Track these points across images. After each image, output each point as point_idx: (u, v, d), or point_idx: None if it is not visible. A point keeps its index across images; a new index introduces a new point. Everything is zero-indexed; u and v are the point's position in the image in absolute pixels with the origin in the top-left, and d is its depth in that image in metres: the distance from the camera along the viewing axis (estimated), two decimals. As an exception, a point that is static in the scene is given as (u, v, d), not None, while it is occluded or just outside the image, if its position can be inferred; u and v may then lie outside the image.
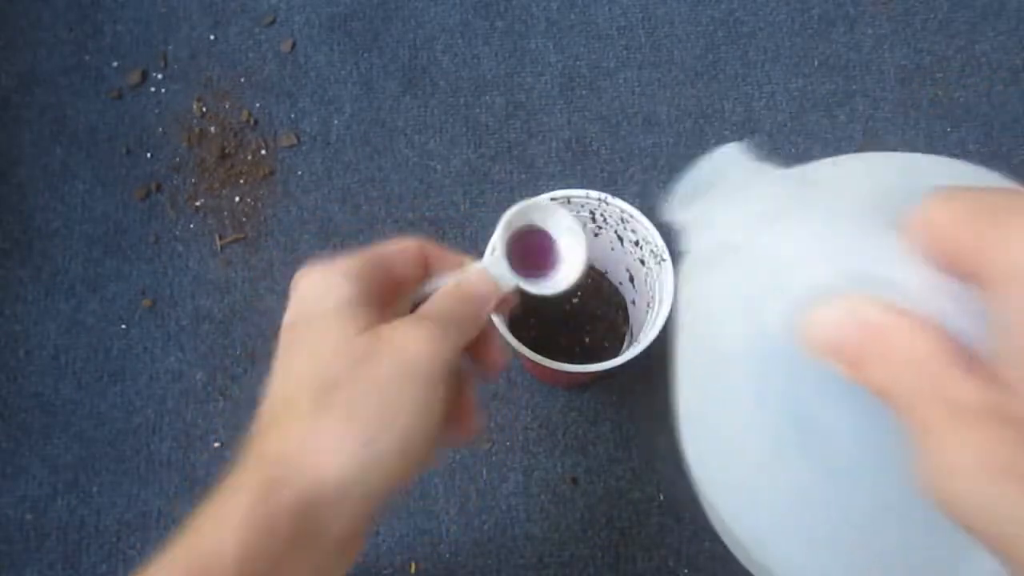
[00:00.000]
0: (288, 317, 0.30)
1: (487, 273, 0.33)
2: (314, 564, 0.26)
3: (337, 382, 0.27)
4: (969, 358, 0.17)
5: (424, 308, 0.31)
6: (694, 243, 0.25)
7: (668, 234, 0.47)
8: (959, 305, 0.17)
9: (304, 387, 0.27)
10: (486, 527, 0.54)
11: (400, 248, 0.32)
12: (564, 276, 0.35)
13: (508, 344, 0.44)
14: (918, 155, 0.23)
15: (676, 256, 0.46)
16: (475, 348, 0.33)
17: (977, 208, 0.16)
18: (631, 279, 0.54)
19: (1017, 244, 0.15)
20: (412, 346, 0.28)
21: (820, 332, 0.18)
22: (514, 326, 0.49)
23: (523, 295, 0.35)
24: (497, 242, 0.34)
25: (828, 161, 0.23)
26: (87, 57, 0.67)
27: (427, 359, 0.27)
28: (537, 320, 0.56)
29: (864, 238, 0.19)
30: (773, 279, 0.21)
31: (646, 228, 0.48)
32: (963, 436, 0.16)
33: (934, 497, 0.16)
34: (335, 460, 0.26)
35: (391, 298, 0.31)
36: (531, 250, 0.36)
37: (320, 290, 0.29)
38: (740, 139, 0.63)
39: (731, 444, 0.23)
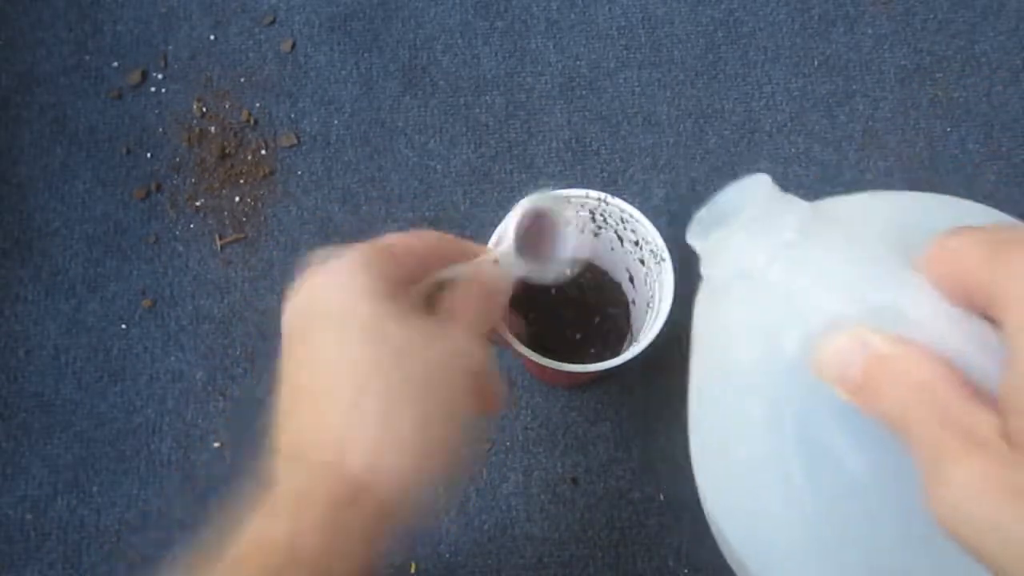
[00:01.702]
0: (302, 303, 0.29)
1: (499, 265, 0.34)
2: (370, 556, 0.26)
3: (373, 374, 0.26)
4: (976, 387, 0.17)
5: (458, 305, 0.31)
6: (713, 269, 0.25)
7: (667, 235, 0.47)
8: (970, 337, 0.18)
9: (338, 381, 0.26)
10: (486, 527, 0.54)
11: (411, 238, 0.32)
12: (565, 264, 0.37)
13: (507, 339, 0.44)
14: (935, 195, 0.24)
15: (675, 257, 0.46)
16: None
17: (990, 242, 0.17)
18: (631, 279, 0.54)
19: (1016, 273, 0.16)
20: (459, 347, 0.28)
21: (829, 360, 0.19)
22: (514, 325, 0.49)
23: (524, 285, 0.36)
24: (510, 232, 0.34)
25: (848, 197, 0.24)
26: (87, 57, 0.67)
27: (472, 357, 0.28)
28: (537, 319, 0.56)
29: (880, 272, 0.19)
30: (790, 308, 0.21)
31: (646, 228, 0.48)
32: (970, 462, 0.16)
33: (942, 523, 0.16)
34: (380, 458, 0.25)
35: (404, 287, 0.31)
36: (535, 236, 0.37)
37: (339, 279, 0.28)
38: (740, 139, 0.63)
39: (741, 467, 0.23)
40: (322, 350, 0.27)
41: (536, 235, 0.37)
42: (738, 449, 0.23)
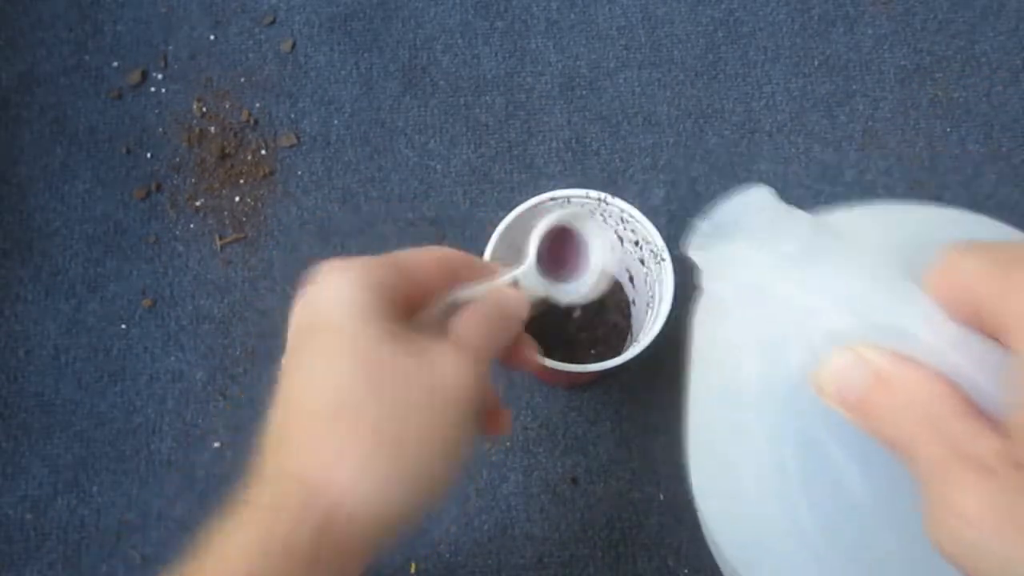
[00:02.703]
0: (302, 318, 0.28)
1: (518, 285, 0.32)
2: None
3: (362, 398, 0.25)
4: (979, 408, 0.17)
5: (462, 329, 0.29)
6: (714, 282, 0.25)
7: (667, 235, 0.47)
8: (976, 357, 0.18)
9: (326, 400, 0.26)
10: (486, 527, 0.54)
11: (423, 255, 0.31)
12: (593, 284, 0.34)
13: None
14: (939, 208, 0.24)
15: (675, 257, 0.46)
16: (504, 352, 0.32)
17: (998, 260, 0.16)
18: (631, 279, 0.54)
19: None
20: (453, 376, 0.26)
21: (830, 378, 0.19)
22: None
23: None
24: (531, 250, 0.32)
25: (851, 209, 0.24)
26: (87, 57, 0.67)
27: (466, 389, 0.26)
28: (537, 319, 0.56)
29: (885, 289, 0.19)
30: (793, 324, 0.21)
31: (646, 228, 0.48)
32: (977, 490, 0.16)
33: (943, 550, 0.16)
34: (358, 483, 0.25)
35: (413, 307, 0.30)
36: (558, 251, 0.34)
37: (340, 294, 0.27)
38: (740, 139, 0.63)
39: (739, 481, 0.23)
40: (311, 367, 0.27)
41: (559, 252, 0.34)
42: (737, 465, 0.23)
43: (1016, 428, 0.16)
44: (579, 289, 0.34)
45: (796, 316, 0.21)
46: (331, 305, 0.27)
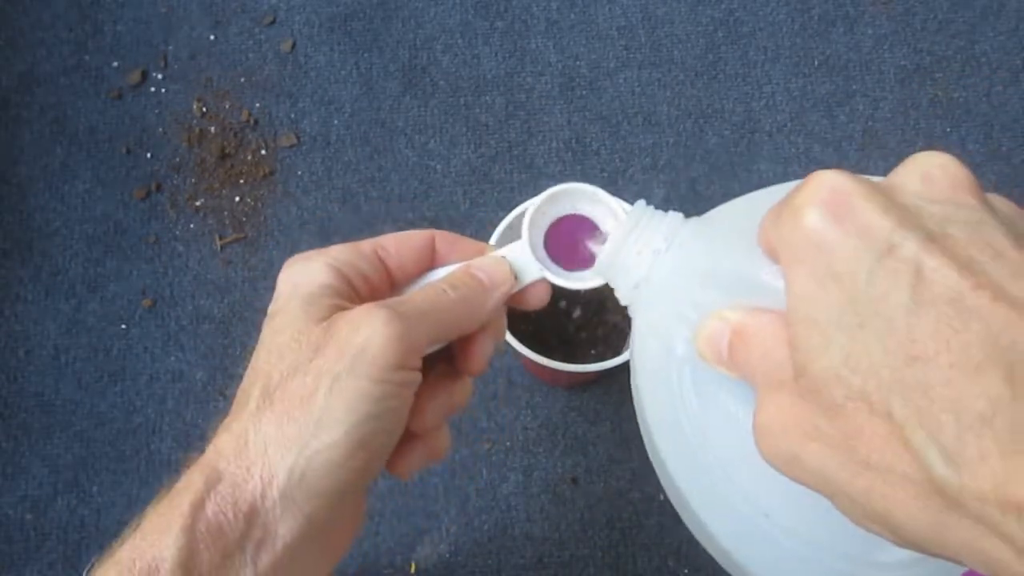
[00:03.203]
0: (269, 308, 0.28)
1: (505, 262, 0.29)
2: (265, 568, 0.24)
3: (287, 376, 0.25)
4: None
5: (402, 296, 0.28)
6: (619, 291, 0.28)
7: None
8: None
9: (258, 382, 0.26)
10: (486, 527, 0.54)
11: (400, 237, 0.30)
12: (593, 276, 0.31)
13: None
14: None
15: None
16: (459, 346, 0.30)
17: (774, 209, 0.20)
18: (631, 279, 0.53)
19: (784, 227, 0.19)
20: (360, 334, 0.25)
21: (703, 344, 0.22)
22: (513, 325, 0.49)
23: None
24: (525, 228, 0.30)
25: (731, 202, 0.27)
26: (87, 57, 0.67)
27: (377, 348, 0.25)
28: (537, 319, 0.56)
29: (738, 258, 0.23)
30: (674, 308, 0.25)
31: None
32: (771, 399, 0.19)
33: (761, 454, 0.20)
34: (277, 460, 0.24)
35: (383, 290, 0.29)
36: (567, 239, 0.32)
37: (296, 280, 0.28)
38: (740, 139, 0.63)
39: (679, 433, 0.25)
40: (259, 354, 0.27)
41: (565, 235, 0.32)
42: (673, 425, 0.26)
43: (791, 340, 0.19)
44: (585, 275, 0.31)
45: (674, 298, 0.25)
46: (287, 294, 0.28)
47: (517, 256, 0.30)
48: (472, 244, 0.31)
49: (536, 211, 0.31)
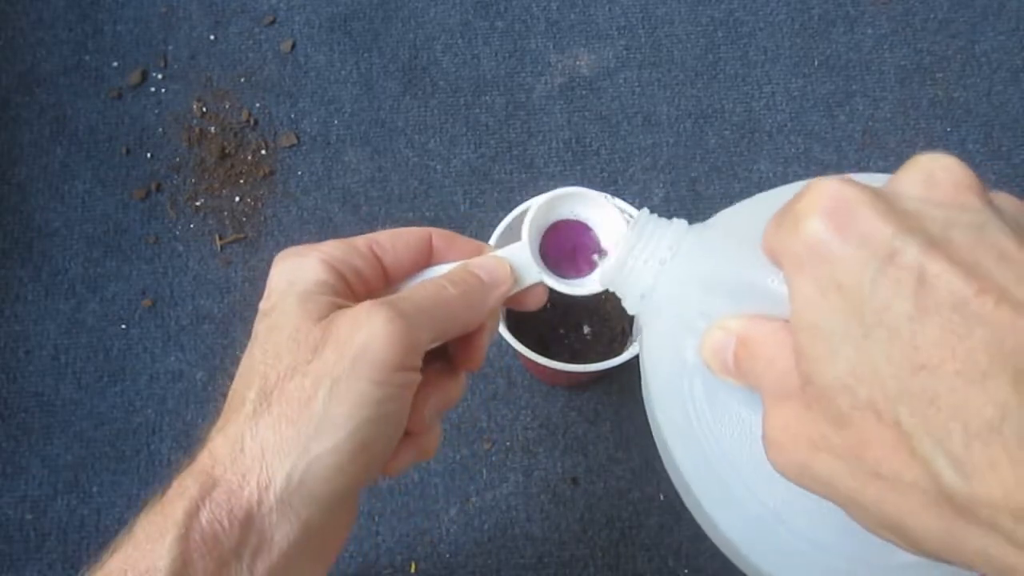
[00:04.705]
0: (261, 305, 0.28)
1: (505, 262, 0.29)
2: (262, 574, 0.24)
3: (284, 377, 0.25)
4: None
5: (401, 293, 0.27)
6: (627, 302, 0.28)
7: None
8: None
9: (254, 383, 0.25)
10: (486, 527, 0.54)
11: (397, 233, 0.29)
12: (594, 283, 0.30)
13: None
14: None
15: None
16: (457, 343, 0.29)
17: (775, 217, 0.20)
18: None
19: (785, 235, 0.19)
20: (361, 334, 0.24)
21: (709, 354, 0.22)
22: (513, 325, 0.49)
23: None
24: (526, 230, 0.30)
25: (741, 203, 0.27)
26: (87, 57, 0.67)
27: (378, 349, 0.24)
28: (537, 319, 0.56)
29: (743, 265, 0.22)
30: (679, 316, 0.25)
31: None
32: (778, 410, 0.19)
33: (772, 464, 0.20)
34: (274, 465, 0.24)
35: (378, 287, 0.29)
36: (565, 244, 0.32)
37: (291, 276, 0.27)
38: (740, 139, 0.63)
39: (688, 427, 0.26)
40: (253, 354, 0.26)
41: (564, 240, 0.32)
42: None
43: (796, 348, 0.18)
44: (584, 281, 0.31)
45: (681, 307, 0.25)
46: (280, 292, 0.27)
47: (517, 257, 0.30)
48: (470, 243, 0.31)
49: (537, 213, 0.31)
